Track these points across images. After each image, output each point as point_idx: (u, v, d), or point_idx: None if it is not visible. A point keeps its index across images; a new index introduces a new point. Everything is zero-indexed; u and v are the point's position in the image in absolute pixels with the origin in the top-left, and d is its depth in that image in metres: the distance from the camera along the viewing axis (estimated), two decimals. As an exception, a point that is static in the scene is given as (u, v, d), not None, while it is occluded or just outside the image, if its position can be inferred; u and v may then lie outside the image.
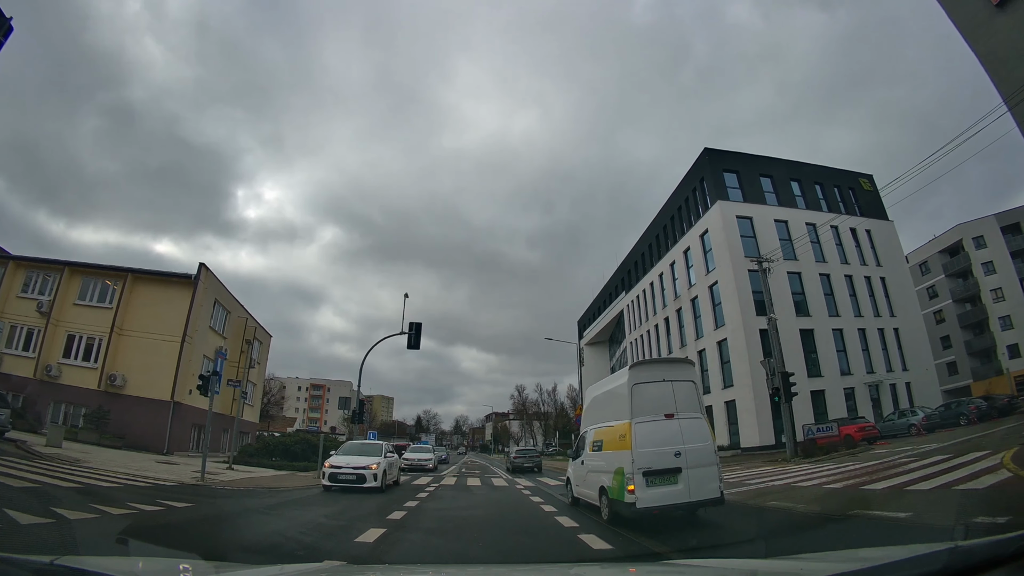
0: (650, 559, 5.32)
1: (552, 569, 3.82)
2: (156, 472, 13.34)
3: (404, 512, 8.30)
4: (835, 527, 6.74)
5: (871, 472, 11.37)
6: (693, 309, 33.59)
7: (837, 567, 1.97)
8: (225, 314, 27.29)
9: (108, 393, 22.21)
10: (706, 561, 3.09)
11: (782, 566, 2.54)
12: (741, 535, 6.76)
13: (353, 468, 12.45)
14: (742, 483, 12.50)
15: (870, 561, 1.91)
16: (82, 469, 12.14)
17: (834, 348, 29.24)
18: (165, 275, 24.94)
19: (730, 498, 10.00)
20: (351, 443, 15.82)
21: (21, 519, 5.58)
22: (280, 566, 3.27)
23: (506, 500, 11.75)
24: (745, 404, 27.03)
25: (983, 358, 47.67)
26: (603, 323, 54.38)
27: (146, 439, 21.09)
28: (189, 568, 2.37)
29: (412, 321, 22.50)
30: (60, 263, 24.76)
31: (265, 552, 5.45)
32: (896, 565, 1.73)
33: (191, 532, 6.36)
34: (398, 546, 5.93)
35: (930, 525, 5.94)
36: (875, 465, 12.79)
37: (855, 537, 5.84)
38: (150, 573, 2.44)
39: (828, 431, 20.67)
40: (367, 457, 13.07)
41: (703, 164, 33.41)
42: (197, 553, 3.89)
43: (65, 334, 23.46)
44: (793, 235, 29.99)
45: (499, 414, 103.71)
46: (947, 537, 2.63)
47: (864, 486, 9.56)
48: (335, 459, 13.15)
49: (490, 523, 8.04)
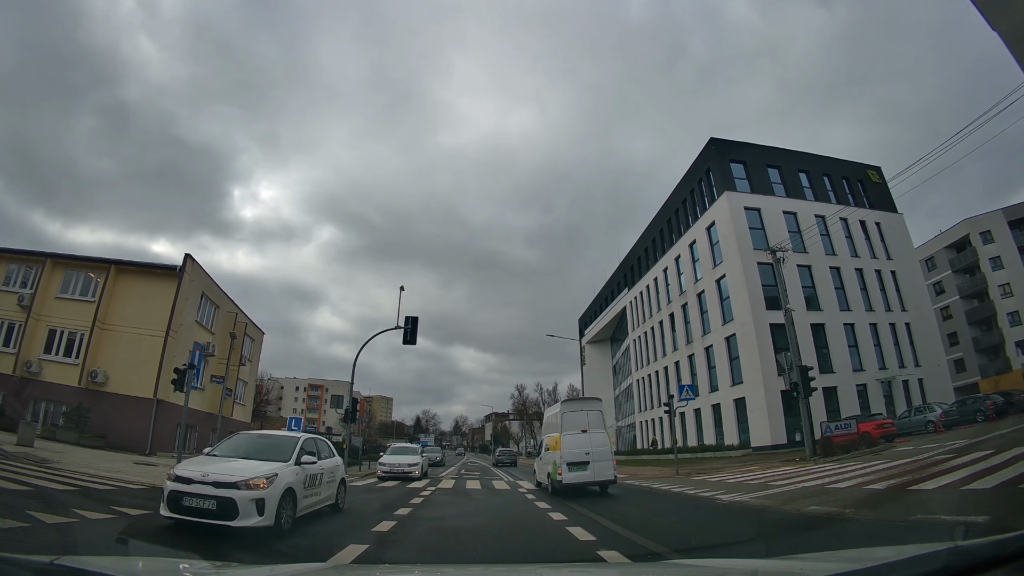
0: (650, 559, 5.20)
1: (553, 569, 3.83)
2: (128, 474, 12.29)
3: (393, 523, 7.14)
4: (910, 536, 5.66)
5: (911, 471, 10.38)
6: (699, 304, 32.59)
7: (837, 567, 1.96)
8: (213, 309, 26.20)
9: (89, 390, 21.15)
10: (706, 561, 3.15)
11: (782, 566, 2.51)
12: (743, 535, 6.53)
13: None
14: (766, 485, 11.46)
15: (870, 561, 1.92)
16: (44, 470, 11.09)
17: (845, 343, 28.31)
18: (149, 266, 23.88)
19: (761, 503, 9.05)
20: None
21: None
22: (280, 566, 3.25)
23: (506, 505, 10.74)
24: (755, 402, 26.03)
25: (991, 355, 46.90)
26: (604, 321, 53.38)
27: (128, 439, 20.01)
28: (189, 568, 2.35)
29: (408, 316, 21.48)
30: (42, 255, 23.74)
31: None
32: (896, 565, 1.72)
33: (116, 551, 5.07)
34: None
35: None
36: (910, 464, 11.80)
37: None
38: (150, 573, 2.40)
39: (846, 429, 19.66)
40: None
41: (709, 154, 32.45)
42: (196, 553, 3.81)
43: (47, 329, 22.42)
44: (802, 227, 29.03)
45: (499, 414, 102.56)
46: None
47: (910, 486, 8.57)
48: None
49: (492, 535, 7.01)
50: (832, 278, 29.60)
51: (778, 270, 20.39)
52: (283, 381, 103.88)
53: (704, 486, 12.72)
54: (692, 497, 11.04)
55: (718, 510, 8.93)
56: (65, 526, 5.80)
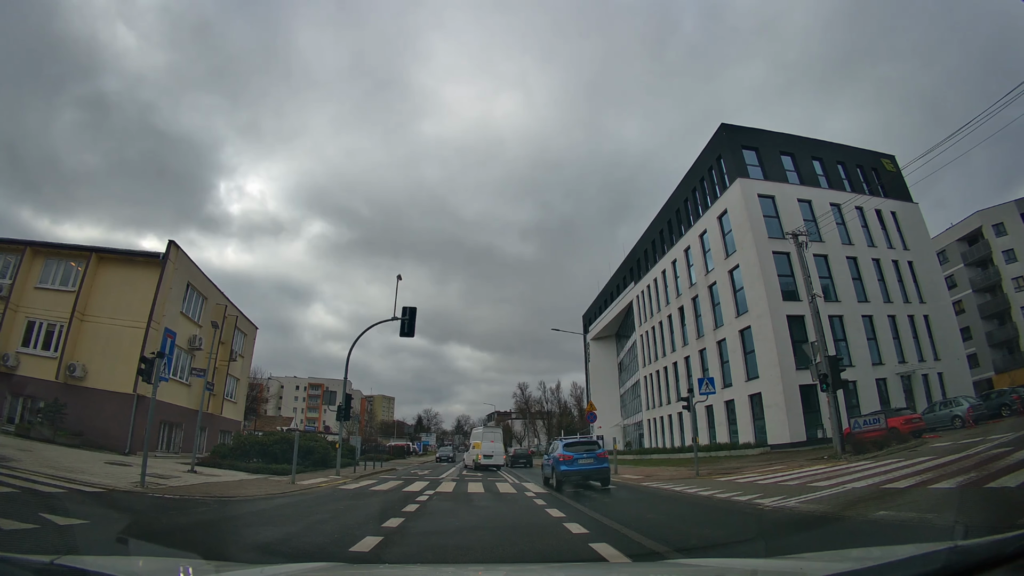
0: (650, 559, 5.02)
1: (554, 569, 3.88)
2: (92, 475, 11.02)
3: (379, 538, 5.83)
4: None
5: (972, 467, 9.12)
6: (711, 297, 31.32)
7: (837, 567, 1.94)
8: (201, 300, 24.89)
9: (67, 385, 19.87)
10: (706, 561, 3.25)
11: (782, 566, 2.44)
12: (741, 535, 6.39)
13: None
14: (807, 487, 10.14)
15: (870, 560, 1.92)
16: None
17: (864, 336, 27.04)
18: (131, 254, 22.57)
19: (813, 509, 7.75)
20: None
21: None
22: (280, 566, 3.22)
23: (512, 512, 9.48)
24: (773, 397, 24.73)
25: (1005, 349, 45.76)
26: (610, 316, 52.08)
27: (107, 436, 18.74)
28: (189, 568, 2.30)
29: (406, 306, 20.17)
30: (22, 243, 22.50)
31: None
32: (896, 565, 1.70)
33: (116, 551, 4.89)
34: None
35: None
36: (963, 459, 10.54)
37: None
38: (150, 573, 2.40)
39: (875, 424, 18.44)
40: None
41: (720, 141, 31.17)
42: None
43: (25, 320, 21.17)
44: (817, 215, 27.79)
45: (501, 413, 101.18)
46: None
47: (987, 483, 7.31)
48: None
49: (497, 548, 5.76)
50: (849, 268, 28.39)
51: (800, 255, 19.12)
52: (283, 380, 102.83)
53: (734, 488, 11.42)
54: (726, 502, 9.75)
55: (771, 519, 7.63)
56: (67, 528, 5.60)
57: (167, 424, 22.42)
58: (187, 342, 23.39)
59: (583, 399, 72.03)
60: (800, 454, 19.57)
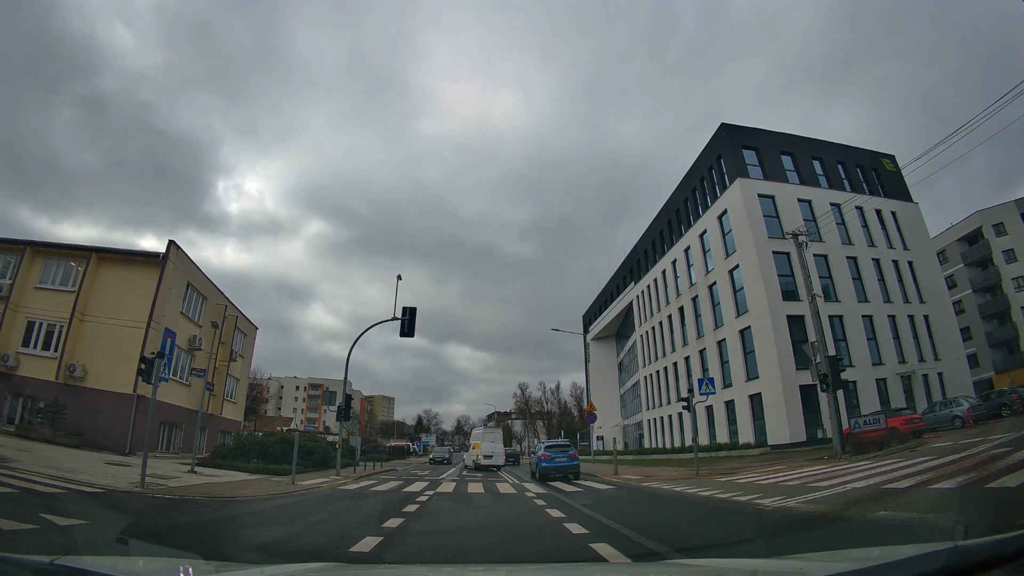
0: (650, 559, 5.01)
1: (554, 569, 3.89)
2: (92, 475, 11.02)
3: (379, 539, 5.85)
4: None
5: (972, 467, 9.12)
6: (711, 297, 31.34)
7: (837, 567, 1.94)
8: (201, 300, 24.90)
9: (67, 385, 19.87)
10: (706, 561, 3.27)
11: (782, 566, 2.45)
12: (741, 535, 6.41)
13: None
14: (807, 487, 10.14)
15: (870, 560, 1.91)
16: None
17: (864, 336, 27.05)
18: (131, 254, 22.58)
19: (814, 510, 7.75)
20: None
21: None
22: (279, 566, 3.24)
23: (512, 513, 9.47)
24: (773, 397, 24.74)
25: (1005, 349, 45.77)
26: (610, 317, 52.10)
27: (107, 437, 18.74)
28: (189, 568, 2.31)
29: (406, 306, 20.20)
30: (21, 243, 22.51)
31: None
32: (896, 565, 1.69)
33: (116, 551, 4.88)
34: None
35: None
36: (963, 459, 10.53)
37: None
38: (150, 573, 2.41)
39: (875, 424, 18.44)
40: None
41: (720, 140, 31.19)
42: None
43: (25, 320, 21.17)
44: (817, 215, 27.84)
45: (501, 413, 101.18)
46: None
47: (988, 484, 7.31)
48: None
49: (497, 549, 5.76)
50: (849, 268, 28.43)
51: (800, 255, 19.13)
52: (283, 381, 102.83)
53: (734, 488, 11.42)
54: (726, 502, 9.74)
55: (771, 519, 7.63)
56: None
57: (167, 424, 22.43)
58: (187, 342, 23.39)
59: (583, 399, 72.03)
60: (800, 454, 19.58)
